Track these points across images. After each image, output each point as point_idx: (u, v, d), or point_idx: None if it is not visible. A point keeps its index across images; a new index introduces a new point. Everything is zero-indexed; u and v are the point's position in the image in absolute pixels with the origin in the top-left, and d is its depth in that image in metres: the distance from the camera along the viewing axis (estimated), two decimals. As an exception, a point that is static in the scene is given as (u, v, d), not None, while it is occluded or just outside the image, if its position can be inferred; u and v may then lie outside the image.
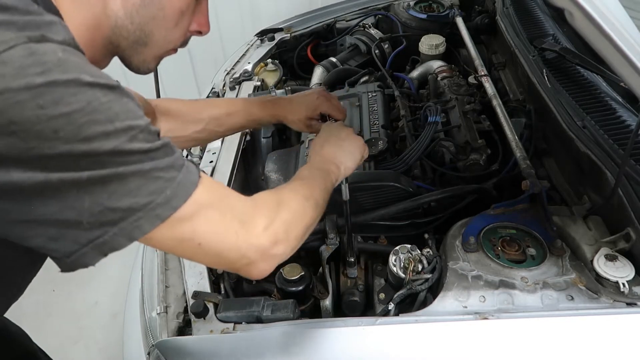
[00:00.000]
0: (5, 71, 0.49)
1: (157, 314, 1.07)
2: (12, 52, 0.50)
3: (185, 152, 1.47)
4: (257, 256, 0.70)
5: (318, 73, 2.00)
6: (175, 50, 0.80)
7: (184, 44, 0.81)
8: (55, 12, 0.63)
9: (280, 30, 2.16)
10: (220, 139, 1.56)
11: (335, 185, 0.95)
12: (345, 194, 1.06)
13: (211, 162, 1.47)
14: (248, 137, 1.61)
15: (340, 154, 1.00)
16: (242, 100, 1.27)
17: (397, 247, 1.09)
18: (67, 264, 0.59)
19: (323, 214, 0.88)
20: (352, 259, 1.15)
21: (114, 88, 0.56)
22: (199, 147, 1.53)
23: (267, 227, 0.71)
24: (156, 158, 0.59)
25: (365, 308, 1.15)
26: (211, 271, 1.15)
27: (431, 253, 1.09)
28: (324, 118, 1.21)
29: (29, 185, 0.52)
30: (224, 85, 1.89)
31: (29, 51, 0.51)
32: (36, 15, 0.56)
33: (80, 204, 0.55)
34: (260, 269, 0.72)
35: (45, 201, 0.54)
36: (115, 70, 0.83)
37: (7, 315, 0.88)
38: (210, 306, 1.03)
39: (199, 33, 0.82)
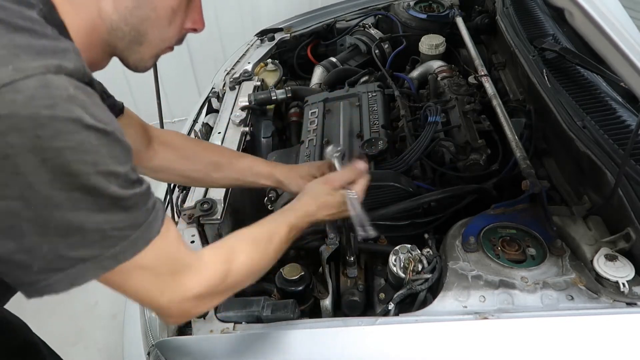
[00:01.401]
0: (17, 98, 0.52)
1: (157, 314, 1.07)
2: (28, 82, 0.53)
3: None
4: (175, 313, 0.74)
5: (318, 73, 2.00)
6: (171, 48, 0.82)
7: (179, 41, 0.82)
8: (60, 23, 0.66)
9: (280, 30, 2.16)
10: (220, 139, 1.56)
11: (295, 234, 0.94)
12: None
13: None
14: (248, 137, 1.61)
15: (324, 208, 1.00)
16: (248, 155, 1.26)
17: (397, 247, 1.09)
18: (25, 292, 0.63)
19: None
20: (352, 259, 1.15)
21: (107, 133, 0.59)
22: None
23: (197, 298, 0.74)
24: (120, 209, 0.62)
25: (365, 308, 1.15)
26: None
27: (431, 253, 1.09)
28: None
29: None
30: (224, 85, 1.89)
31: (44, 83, 0.54)
32: (53, 40, 0.59)
33: (38, 250, 0.58)
34: (173, 322, 0.79)
35: (5, 240, 0.57)
36: (116, 69, 0.83)
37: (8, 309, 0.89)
38: (210, 306, 1.03)
39: (194, 30, 0.82)
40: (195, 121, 1.78)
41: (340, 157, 1.11)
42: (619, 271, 0.97)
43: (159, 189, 1.52)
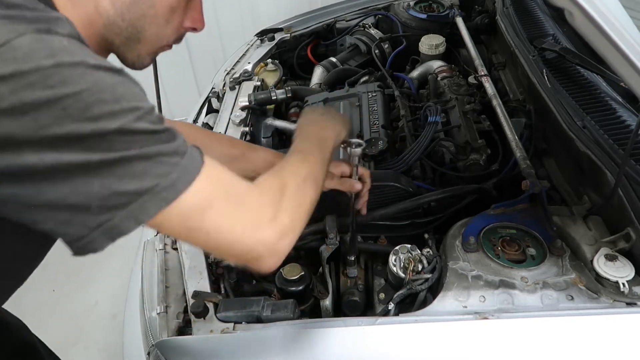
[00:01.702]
0: (17, 55, 0.52)
1: (157, 314, 1.07)
2: (22, 39, 0.53)
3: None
4: (264, 251, 0.70)
5: (318, 73, 2.00)
6: (170, 47, 0.81)
7: (178, 40, 0.81)
8: (55, 9, 0.66)
9: (280, 30, 2.16)
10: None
11: (332, 150, 0.96)
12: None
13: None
14: (248, 137, 1.61)
15: (329, 120, 1.04)
16: (260, 147, 1.26)
17: (397, 247, 1.09)
18: (78, 248, 0.61)
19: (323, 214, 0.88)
20: (352, 259, 1.15)
21: (119, 72, 0.59)
22: None
23: (273, 219, 0.71)
24: (160, 141, 0.61)
25: (365, 308, 1.15)
26: (211, 271, 1.15)
27: (431, 253, 1.09)
28: None
29: (39, 167, 0.54)
30: (224, 85, 1.89)
31: (38, 38, 0.54)
32: (43, 12, 0.59)
33: (89, 188, 0.57)
34: (269, 263, 0.72)
35: (55, 185, 0.56)
36: (115, 69, 0.84)
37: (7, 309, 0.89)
38: (210, 306, 1.02)
39: (194, 29, 0.82)
40: (195, 121, 1.78)
41: (360, 154, 1.07)
42: (619, 271, 0.97)
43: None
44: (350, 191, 1.09)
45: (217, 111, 1.78)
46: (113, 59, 0.78)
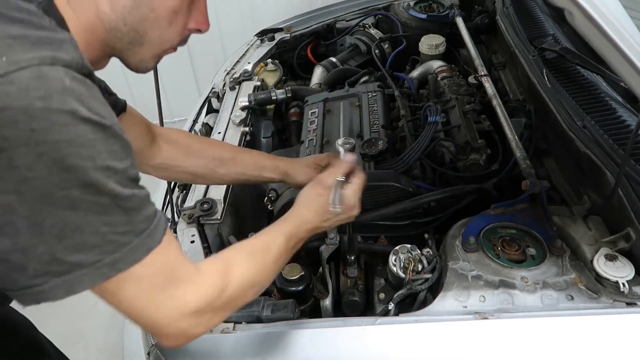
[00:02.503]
0: (11, 90, 0.51)
1: (157, 314, 1.07)
2: (22, 73, 0.52)
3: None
4: (172, 334, 0.70)
5: (318, 73, 2.00)
6: (174, 49, 0.80)
7: (182, 42, 0.81)
8: (59, 18, 0.65)
9: (280, 30, 2.16)
10: (220, 139, 1.56)
11: (295, 243, 0.91)
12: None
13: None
14: (248, 137, 1.61)
15: (332, 220, 0.96)
16: (252, 150, 1.25)
17: (397, 247, 1.09)
18: (18, 299, 0.61)
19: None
20: (352, 259, 1.15)
21: (105, 127, 0.58)
22: None
23: (195, 314, 0.70)
24: (119, 210, 0.60)
25: (365, 308, 1.15)
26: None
27: (431, 253, 1.09)
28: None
29: None
30: (224, 85, 1.89)
31: (38, 74, 0.53)
32: (49, 32, 0.58)
33: (33, 250, 0.56)
34: (171, 344, 0.72)
35: (1, 237, 0.55)
36: (115, 69, 0.83)
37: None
38: (210, 306, 1.02)
39: (198, 31, 0.81)
40: (195, 121, 1.78)
41: (348, 150, 1.05)
42: (619, 271, 0.97)
43: (160, 189, 1.52)
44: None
45: (217, 111, 1.78)
46: (114, 61, 0.78)
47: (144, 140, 1.05)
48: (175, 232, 1.26)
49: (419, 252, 1.08)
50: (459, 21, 1.96)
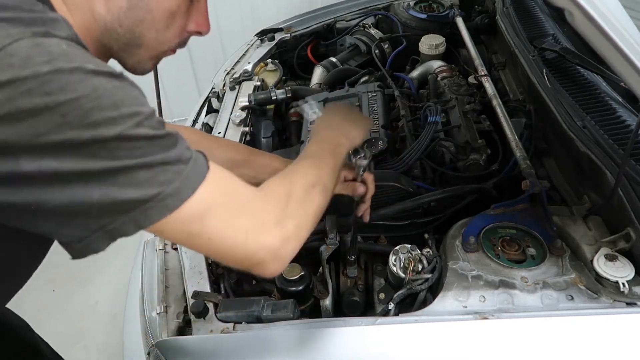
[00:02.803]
0: (13, 61, 0.51)
1: (157, 314, 1.07)
2: (19, 44, 0.52)
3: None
4: (267, 256, 0.69)
5: (318, 73, 2.00)
6: (173, 51, 0.80)
7: (182, 44, 0.80)
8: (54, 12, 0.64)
9: (280, 30, 2.16)
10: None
11: (344, 158, 0.94)
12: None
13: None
14: (248, 137, 1.61)
15: (347, 125, 1.00)
16: (265, 152, 1.24)
17: (397, 247, 1.09)
18: (77, 250, 0.60)
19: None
20: (352, 259, 1.15)
21: (118, 76, 0.58)
22: None
23: (277, 224, 0.70)
24: (162, 147, 0.60)
25: (365, 308, 1.15)
26: (211, 271, 1.15)
27: (431, 253, 1.09)
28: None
29: (37, 175, 0.54)
30: (224, 85, 1.89)
31: (35, 43, 0.53)
32: (41, 13, 0.58)
33: (89, 196, 0.56)
34: (272, 269, 0.71)
35: (54, 193, 0.55)
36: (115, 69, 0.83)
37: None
38: (210, 306, 1.03)
39: (199, 33, 0.80)
40: (195, 121, 1.78)
41: (367, 166, 1.04)
42: (619, 271, 0.97)
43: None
44: (353, 195, 1.07)
45: (217, 111, 1.78)
46: (113, 64, 0.78)
47: None
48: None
49: (419, 252, 1.08)
50: (459, 21, 1.96)
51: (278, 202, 0.72)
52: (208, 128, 1.68)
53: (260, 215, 0.69)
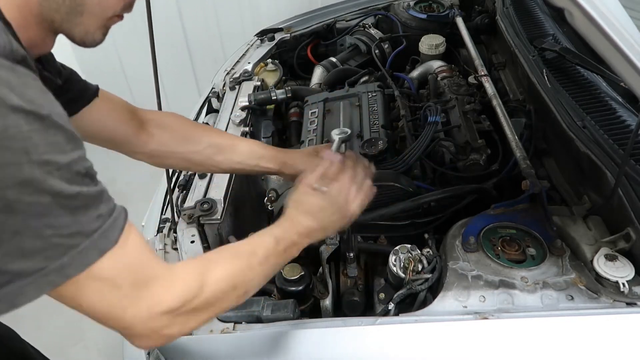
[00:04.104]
0: None
1: (157, 314, 1.07)
2: None
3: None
4: (143, 332, 0.65)
5: (318, 73, 2.00)
6: (120, 17, 0.75)
7: (127, 8, 0.75)
8: None
9: (280, 30, 2.16)
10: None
11: (294, 254, 0.87)
12: None
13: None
14: (248, 137, 1.61)
15: (327, 215, 0.90)
16: (250, 139, 1.20)
17: (397, 247, 1.09)
18: None
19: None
20: (352, 258, 1.15)
21: (42, 117, 0.52)
22: None
23: (167, 312, 0.65)
24: (65, 209, 0.54)
25: (365, 308, 1.15)
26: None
27: (431, 253, 1.09)
28: None
29: None
30: (224, 85, 1.89)
31: None
32: None
33: None
34: (142, 346, 0.67)
35: None
36: (115, 69, 0.83)
37: (3, 316, 0.87)
38: (210, 306, 1.02)
39: None
40: (195, 121, 1.78)
41: (341, 141, 1.01)
42: (619, 271, 0.97)
43: (160, 189, 1.52)
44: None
45: (217, 111, 1.78)
46: (113, 62, 0.77)
47: (129, 126, 0.99)
48: (175, 232, 1.26)
49: (419, 252, 1.08)
50: (459, 21, 1.96)
51: (181, 294, 0.66)
52: (208, 128, 1.68)
53: (155, 300, 0.64)
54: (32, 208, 0.52)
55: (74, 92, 0.91)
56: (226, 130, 1.61)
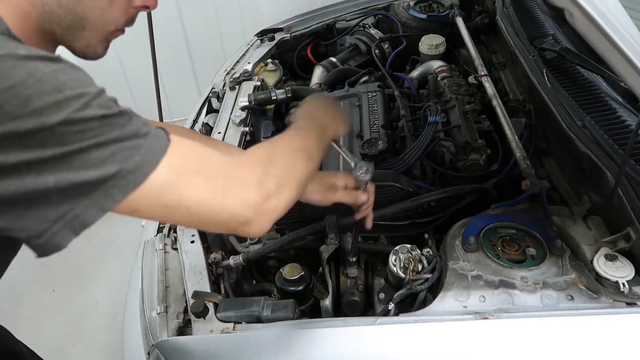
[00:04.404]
0: None
1: (157, 314, 1.07)
2: None
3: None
4: (250, 213, 0.67)
5: (318, 73, 2.00)
6: (122, 31, 0.76)
7: (129, 22, 0.76)
8: None
9: (280, 30, 2.16)
10: (220, 139, 1.56)
11: (330, 141, 0.93)
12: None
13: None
14: (248, 137, 1.61)
15: (331, 114, 0.98)
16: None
17: (397, 247, 1.09)
18: (39, 246, 0.56)
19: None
20: (353, 259, 1.15)
21: (55, 59, 0.54)
22: None
23: (256, 183, 0.67)
24: (115, 125, 0.56)
25: (365, 308, 1.15)
26: (211, 271, 1.15)
27: (431, 253, 1.09)
28: None
29: None
30: (224, 85, 1.89)
31: None
32: None
33: (43, 184, 0.52)
34: (258, 226, 0.69)
35: (4, 186, 0.52)
36: (115, 70, 0.83)
37: (3, 316, 0.87)
38: (210, 306, 1.03)
39: (145, 8, 0.76)
40: (195, 121, 1.78)
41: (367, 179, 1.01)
42: (619, 271, 0.97)
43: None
44: (354, 204, 1.05)
45: (217, 111, 1.78)
46: (113, 62, 0.77)
47: None
48: (175, 232, 1.26)
49: (419, 252, 1.08)
50: (459, 21, 1.96)
51: (257, 164, 0.70)
52: (208, 128, 1.68)
53: (238, 176, 0.67)
54: (84, 134, 0.53)
55: None
56: (226, 130, 1.61)
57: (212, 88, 1.92)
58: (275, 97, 1.73)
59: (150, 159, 0.58)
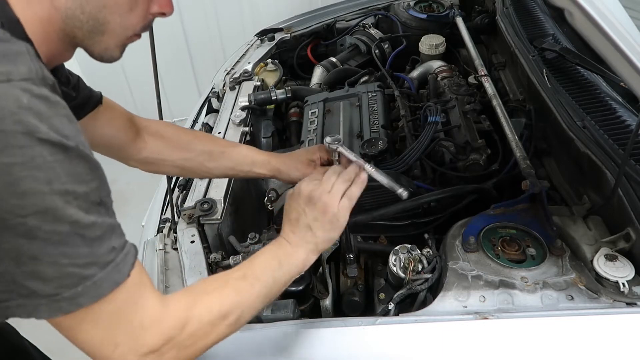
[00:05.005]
0: None
1: (157, 314, 1.07)
2: None
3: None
4: None
5: (318, 73, 2.00)
6: (138, 36, 0.78)
7: (146, 28, 0.77)
8: (12, 17, 0.63)
9: (280, 30, 2.16)
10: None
11: (293, 270, 0.87)
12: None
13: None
14: (248, 137, 1.61)
15: (319, 228, 0.88)
16: (243, 145, 1.23)
17: (397, 247, 1.09)
18: None
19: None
20: (352, 258, 1.14)
21: (67, 148, 0.55)
22: None
23: (153, 352, 0.65)
24: (82, 239, 0.56)
25: (365, 308, 1.15)
26: (211, 271, 1.15)
27: (431, 253, 1.09)
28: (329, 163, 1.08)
29: None
30: (224, 85, 1.90)
31: None
32: (3, 43, 0.56)
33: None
34: None
35: None
36: (115, 70, 0.83)
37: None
38: (210, 306, 1.02)
39: (162, 15, 0.77)
40: (195, 121, 1.79)
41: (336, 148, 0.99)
42: (619, 271, 0.97)
43: (160, 189, 1.52)
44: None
45: (217, 111, 1.78)
46: (116, 64, 0.77)
47: (127, 134, 1.02)
48: (175, 232, 1.26)
49: (419, 252, 1.08)
50: (459, 21, 1.96)
51: (167, 331, 0.67)
52: (208, 128, 1.68)
53: (142, 340, 0.65)
54: (51, 236, 0.54)
55: (79, 99, 0.93)
56: (226, 130, 1.61)
57: (212, 88, 1.92)
58: (275, 97, 1.73)
59: (91, 293, 0.58)
